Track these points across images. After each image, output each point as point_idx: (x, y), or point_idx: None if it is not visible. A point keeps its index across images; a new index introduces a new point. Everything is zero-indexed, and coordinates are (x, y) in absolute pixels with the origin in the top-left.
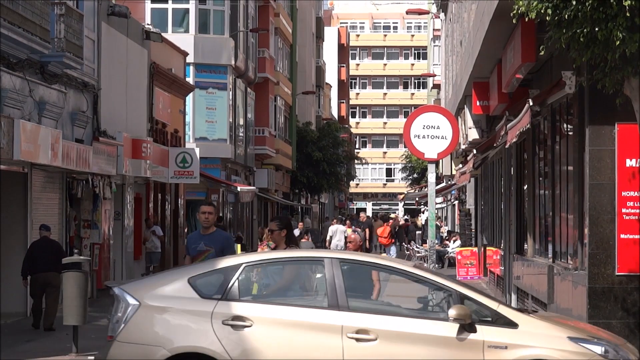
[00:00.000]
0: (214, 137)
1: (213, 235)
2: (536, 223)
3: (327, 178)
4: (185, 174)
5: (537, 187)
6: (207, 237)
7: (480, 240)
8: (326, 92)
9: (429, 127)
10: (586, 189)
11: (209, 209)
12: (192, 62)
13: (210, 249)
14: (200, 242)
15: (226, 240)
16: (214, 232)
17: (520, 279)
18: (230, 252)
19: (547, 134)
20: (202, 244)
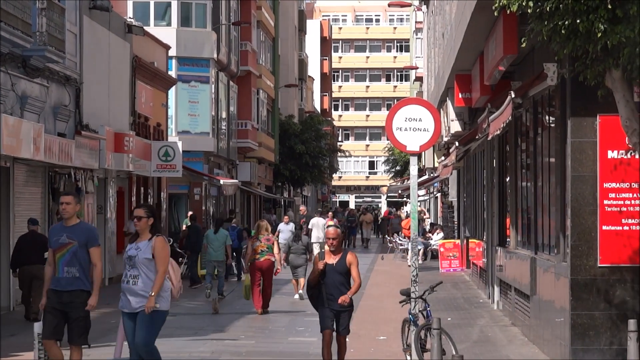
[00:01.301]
0: (196, 131)
1: (76, 227)
2: (518, 215)
3: (310, 171)
4: (167, 168)
5: (520, 179)
6: (69, 229)
7: (463, 232)
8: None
9: (411, 119)
10: (568, 181)
11: (67, 199)
12: (174, 55)
13: (73, 241)
14: (63, 234)
15: (90, 232)
16: (76, 224)
17: (503, 270)
18: (94, 245)
19: (529, 126)
20: (65, 236)
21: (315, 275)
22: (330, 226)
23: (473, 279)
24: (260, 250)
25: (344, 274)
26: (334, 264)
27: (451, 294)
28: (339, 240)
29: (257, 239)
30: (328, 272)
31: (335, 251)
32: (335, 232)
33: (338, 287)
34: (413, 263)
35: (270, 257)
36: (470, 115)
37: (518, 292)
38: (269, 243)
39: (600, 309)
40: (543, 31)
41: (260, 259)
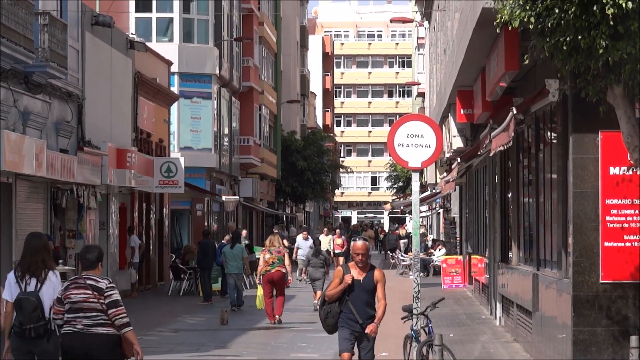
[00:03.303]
0: (198, 147)
1: None
2: (520, 231)
3: (311, 187)
4: (169, 184)
5: (522, 195)
6: None
7: (465, 248)
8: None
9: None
10: (570, 197)
11: None
12: (176, 71)
13: None
14: None
15: None
16: None
17: (505, 287)
18: None
19: (531, 142)
20: None
21: (338, 291)
22: (357, 239)
23: (475, 295)
24: (272, 262)
25: (370, 292)
26: (361, 280)
27: (453, 310)
28: (367, 255)
29: (268, 251)
30: (355, 287)
31: (363, 267)
32: (363, 247)
33: (363, 306)
34: (415, 279)
35: (281, 269)
36: (472, 131)
37: (520, 309)
38: (280, 255)
39: (602, 325)
40: (545, 47)
41: (272, 271)
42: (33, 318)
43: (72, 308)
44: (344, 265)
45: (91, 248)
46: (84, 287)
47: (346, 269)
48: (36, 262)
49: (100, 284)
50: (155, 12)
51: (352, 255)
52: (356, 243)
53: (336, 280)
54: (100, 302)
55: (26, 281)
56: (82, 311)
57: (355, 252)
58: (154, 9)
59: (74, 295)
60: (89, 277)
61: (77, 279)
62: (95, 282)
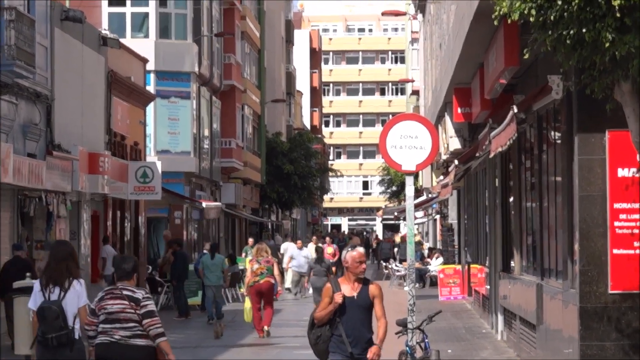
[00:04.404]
0: (176, 150)
1: None
2: (523, 238)
3: (298, 192)
4: (145, 190)
5: (524, 200)
6: None
7: (464, 257)
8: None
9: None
10: (575, 201)
11: None
12: (152, 69)
13: None
14: None
15: None
16: None
17: (507, 298)
18: None
19: (533, 143)
20: None
21: (328, 313)
22: (354, 248)
23: (475, 308)
24: (260, 273)
25: (366, 310)
26: (355, 296)
27: (451, 324)
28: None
29: (256, 261)
30: (347, 308)
31: (357, 280)
32: (364, 255)
33: (358, 327)
34: (410, 291)
35: (270, 279)
36: (470, 132)
37: (523, 322)
38: (269, 265)
39: (611, 339)
40: (547, 41)
41: (260, 281)
42: (55, 327)
43: (108, 319)
44: (333, 280)
45: (127, 258)
46: (120, 298)
47: (335, 285)
48: (60, 270)
49: (137, 295)
50: (129, 6)
51: (350, 267)
52: (353, 252)
53: (325, 300)
54: (137, 312)
55: (50, 289)
56: (119, 322)
57: (355, 261)
58: (128, 3)
59: (110, 306)
60: (125, 287)
61: (112, 289)
62: (132, 293)
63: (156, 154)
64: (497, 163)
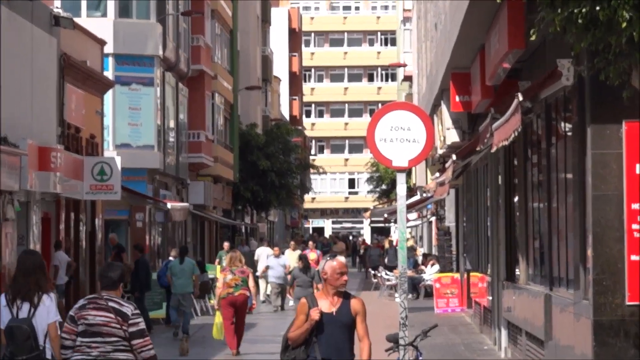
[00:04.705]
0: (138, 144)
1: None
2: (529, 243)
3: (276, 191)
4: (103, 189)
5: (530, 200)
6: None
7: (463, 264)
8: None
9: (398, 128)
10: (588, 201)
11: None
12: (111, 52)
13: None
14: None
15: None
16: None
17: (512, 310)
18: None
19: (541, 135)
20: None
21: (303, 332)
22: (335, 257)
23: (475, 321)
24: (235, 284)
25: (347, 329)
26: (334, 312)
27: (449, 340)
28: None
29: (230, 271)
30: (325, 326)
31: (336, 293)
32: (345, 263)
33: (338, 348)
34: (402, 302)
35: (246, 292)
36: (469, 123)
37: (530, 337)
38: (244, 276)
39: (629, 355)
40: (556, 21)
41: (235, 294)
42: (26, 348)
43: (88, 331)
44: (309, 296)
45: (113, 266)
46: (104, 309)
47: (311, 300)
48: (28, 284)
49: (125, 309)
50: None
51: (329, 279)
52: (332, 261)
53: (301, 318)
54: (123, 328)
55: (17, 305)
56: (101, 336)
57: (336, 272)
58: None
59: (92, 317)
60: (110, 298)
61: (96, 298)
62: (119, 306)
63: (115, 149)
64: (500, 158)
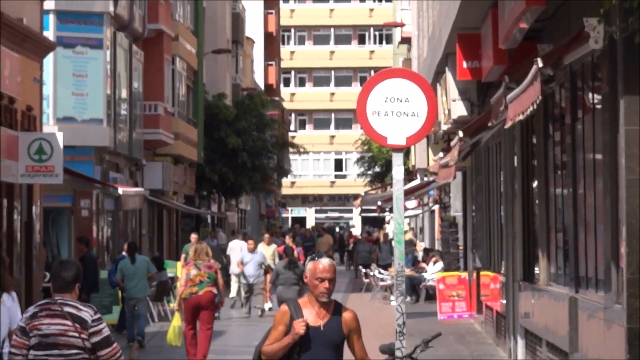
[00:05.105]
0: (84, 117)
1: None
2: (551, 237)
3: (248, 175)
4: (42, 171)
5: (552, 185)
6: None
7: (472, 261)
8: (247, 50)
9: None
10: (621, 187)
11: None
12: (52, 9)
13: None
14: None
15: None
16: None
17: (530, 316)
18: None
19: (564, 108)
20: None
21: (282, 347)
22: (320, 257)
23: (486, 329)
24: (199, 281)
25: (336, 348)
26: (321, 327)
27: (455, 352)
28: (335, 283)
29: (194, 265)
30: (310, 340)
31: (323, 304)
32: (331, 268)
33: None
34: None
35: (212, 290)
36: (479, 93)
37: (552, 348)
38: (211, 271)
39: None
40: None
41: (199, 292)
42: None
43: (42, 343)
44: (292, 302)
45: (68, 264)
46: (60, 316)
47: (295, 308)
48: None
49: (83, 314)
50: None
51: (309, 284)
52: (317, 263)
53: (279, 329)
54: (82, 337)
55: None
56: (57, 347)
57: (315, 277)
58: None
59: (46, 327)
60: (66, 302)
61: (49, 304)
62: (77, 311)
63: (56, 123)
64: (516, 136)
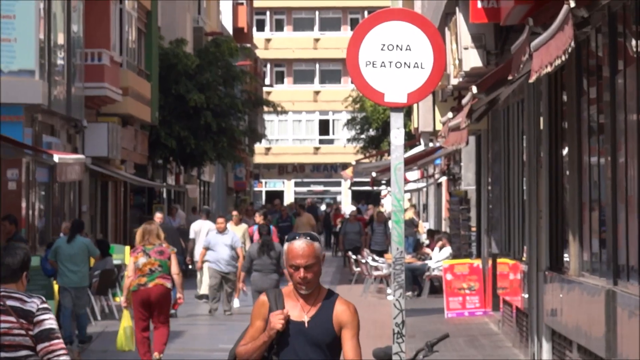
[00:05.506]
0: (11, 68)
1: None
2: (584, 216)
3: (213, 139)
4: None
5: (586, 153)
6: None
7: (487, 246)
8: None
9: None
10: None
11: None
12: None
13: None
14: None
15: None
16: None
17: (558, 314)
18: None
19: (601, 59)
20: None
21: (259, 346)
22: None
23: (505, 329)
24: (149, 270)
25: (324, 349)
26: (305, 322)
27: (466, 357)
28: (318, 270)
29: (143, 252)
30: (292, 339)
31: (308, 295)
32: (309, 250)
33: None
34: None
35: (166, 282)
36: (497, 40)
37: (584, 352)
38: (163, 258)
39: None
40: None
41: (149, 285)
42: None
43: None
44: (272, 292)
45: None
46: (4, 312)
47: (276, 298)
48: None
49: (29, 306)
50: None
51: (287, 272)
52: (293, 244)
53: (257, 325)
54: (29, 334)
55: None
56: (3, 349)
57: (290, 262)
58: None
59: None
60: (10, 294)
61: None
62: (22, 304)
63: None
64: (543, 92)
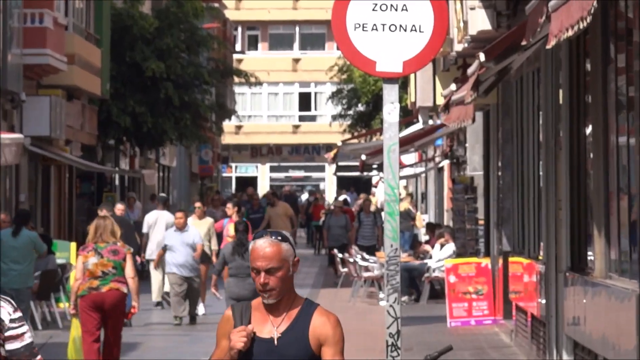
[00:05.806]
0: None
1: None
2: (612, 207)
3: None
4: None
5: (614, 132)
6: None
7: (496, 243)
8: None
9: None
10: None
11: None
12: None
13: None
14: None
15: None
16: None
17: (581, 323)
18: None
19: (631, 21)
20: None
21: None
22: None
23: (518, 341)
24: (102, 273)
25: None
26: (275, 339)
27: None
28: (286, 278)
29: (94, 251)
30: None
31: (275, 305)
32: (274, 251)
33: None
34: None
35: (121, 286)
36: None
37: None
38: (118, 259)
39: None
40: None
41: (102, 289)
42: None
43: None
44: (239, 305)
45: None
46: None
47: (242, 313)
48: None
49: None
50: None
51: None
52: (255, 244)
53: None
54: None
55: None
56: None
57: (252, 264)
58: None
59: None
60: None
61: None
62: None
63: None
64: (563, 60)
